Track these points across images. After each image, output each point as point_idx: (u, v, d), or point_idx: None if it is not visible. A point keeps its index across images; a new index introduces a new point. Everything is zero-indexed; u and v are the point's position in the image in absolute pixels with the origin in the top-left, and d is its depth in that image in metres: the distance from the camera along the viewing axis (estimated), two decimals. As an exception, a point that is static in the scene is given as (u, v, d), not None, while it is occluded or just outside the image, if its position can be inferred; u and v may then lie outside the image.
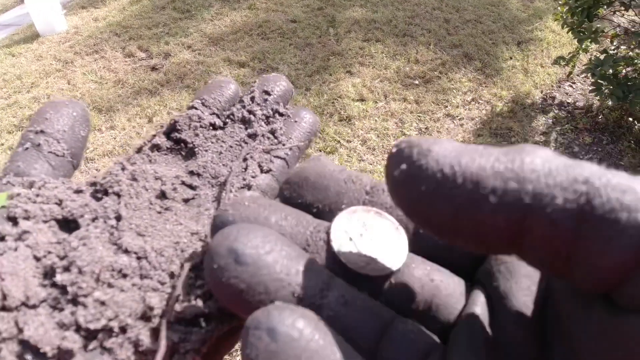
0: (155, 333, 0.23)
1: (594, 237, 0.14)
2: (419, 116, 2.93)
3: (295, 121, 0.37)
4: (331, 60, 3.40)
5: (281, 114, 0.37)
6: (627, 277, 0.14)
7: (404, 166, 0.16)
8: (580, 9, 2.62)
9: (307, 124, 0.37)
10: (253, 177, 0.33)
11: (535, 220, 0.14)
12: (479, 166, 0.15)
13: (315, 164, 0.23)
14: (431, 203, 0.15)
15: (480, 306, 0.20)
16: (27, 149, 0.30)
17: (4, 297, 0.23)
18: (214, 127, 0.36)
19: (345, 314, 0.18)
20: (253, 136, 0.35)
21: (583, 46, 2.79)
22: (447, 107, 3.00)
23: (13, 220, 0.26)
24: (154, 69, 3.50)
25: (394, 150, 0.17)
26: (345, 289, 0.19)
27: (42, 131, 0.31)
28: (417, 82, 3.19)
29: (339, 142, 2.73)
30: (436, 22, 3.75)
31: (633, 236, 0.14)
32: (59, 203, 0.28)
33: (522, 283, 0.19)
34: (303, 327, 0.16)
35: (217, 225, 0.21)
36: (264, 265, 0.18)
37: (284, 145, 0.35)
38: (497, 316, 0.19)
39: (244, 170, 0.33)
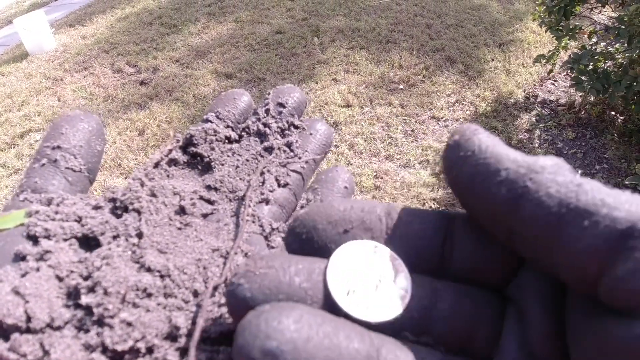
0: (181, 353, 0.23)
1: (574, 224, 0.16)
2: (405, 119, 2.98)
3: (311, 133, 0.36)
4: (317, 68, 3.45)
5: (296, 127, 0.36)
6: (603, 269, 0.16)
7: (456, 137, 0.19)
8: (557, 7, 2.68)
9: (322, 136, 0.37)
10: (271, 191, 0.33)
11: (528, 198, 0.17)
12: (506, 153, 0.18)
13: (319, 208, 0.21)
14: (461, 166, 0.19)
15: (513, 329, 0.20)
16: (43, 164, 0.30)
17: (29, 319, 0.22)
18: (229, 140, 0.35)
19: None
20: (269, 149, 0.35)
21: (562, 44, 2.85)
22: (431, 109, 3.04)
23: (33, 239, 0.26)
24: (142, 83, 3.54)
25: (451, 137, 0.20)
26: (392, 354, 0.18)
27: (58, 147, 0.30)
28: (401, 86, 3.24)
29: (326, 146, 2.76)
30: (418, 28, 3.81)
31: (607, 227, 0.15)
32: (79, 220, 0.27)
33: (551, 297, 0.19)
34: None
35: (234, 303, 0.19)
36: (306, 358, 0.16)
37: (300, 158, 0.35)
38: (529, 332, 0.19)
39: (261, 184, 0.33)
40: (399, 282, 0.20)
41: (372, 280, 0.20)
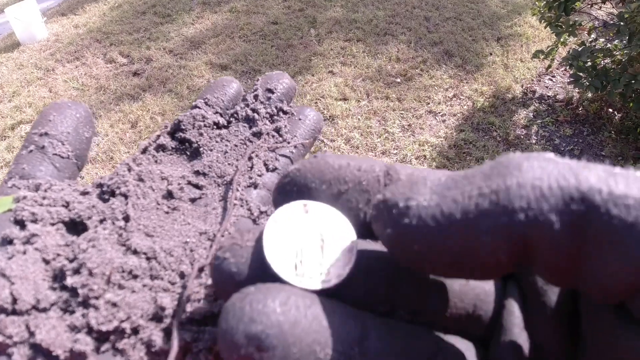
0: (167, 333, 0.23)
1: (597, 256, 0.13)
2: (402, 114, 2.95)
3: (300, 119, 0.37)
4: (313, 60, 3.41)
5: (285, 112, 0.37)
6: (635, 292, 0.14)
7: (389, 231, 0.16)
8: (557, 3, 2.65)
9: (311, 122, 0.37)
10: (259, 175, 0.33)
11: (536, 238, 0.14)
12: (462, 209, 0.14)
13: (312, 164, 0.19)
14: (431, 257, 0.15)
15: (515, 309, 0.18)
16: (31, 151, 0.30)
17: (14, 300, 0.23)
18: (218, 126, 0.36)
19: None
20: (258, 135, 0.35)
21: (561, 39, 2.82)
22: (429, 103, 3.01)
23: (20, 224, 0.26)
24: (135, 74, 3.49)
25: (374, 212, 0.16)
26: (382, 336, 0.17)
27: (46, 133, 0.30)
28: (398, 80, 3.20)
29: (322, 141, 2.74)
30: (416, 21, 3.77)
31: (636, 256, 0.13)
32: (66, 205, 0.27)
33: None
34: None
35: (219, 279, 0.18)
36: (293, 343, 0.15)
37: (288, 143, 0.35)
38: (531, 315, 0.18)
39: (249, 168, 0.33)
40: (342, 235, 0.19)
41: (315, 243, 0.19)
